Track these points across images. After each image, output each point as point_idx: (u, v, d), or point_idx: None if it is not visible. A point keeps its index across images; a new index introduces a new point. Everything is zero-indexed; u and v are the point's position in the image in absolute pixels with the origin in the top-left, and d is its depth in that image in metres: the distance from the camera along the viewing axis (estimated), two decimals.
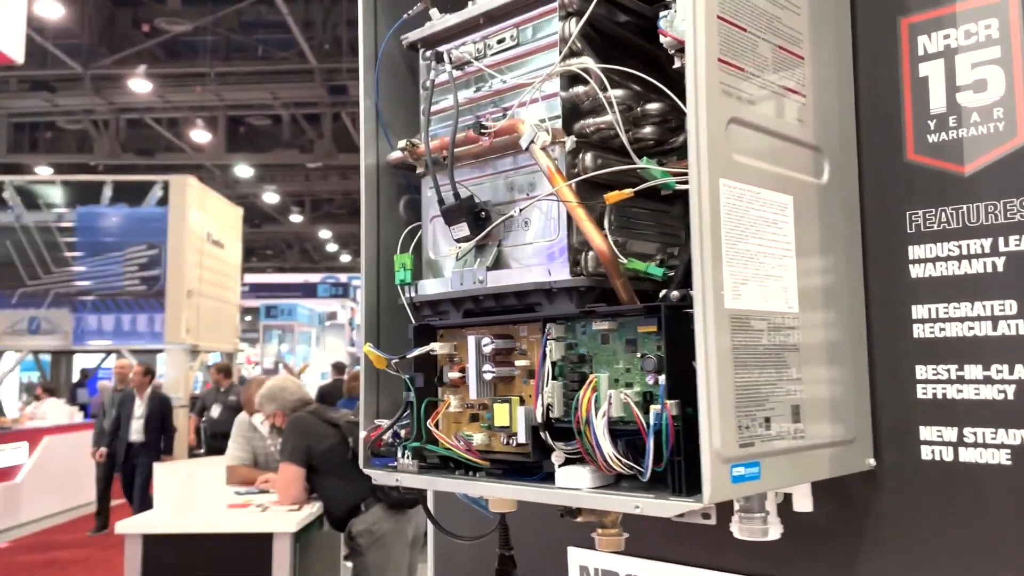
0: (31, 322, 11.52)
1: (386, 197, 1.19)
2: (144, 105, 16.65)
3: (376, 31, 1.20)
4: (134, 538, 3.61)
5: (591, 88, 0.99)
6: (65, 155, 18.60)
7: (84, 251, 11.99)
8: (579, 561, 1.38)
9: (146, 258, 11.94)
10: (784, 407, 0.91)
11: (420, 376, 1.08)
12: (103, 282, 11.87)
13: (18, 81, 15.56)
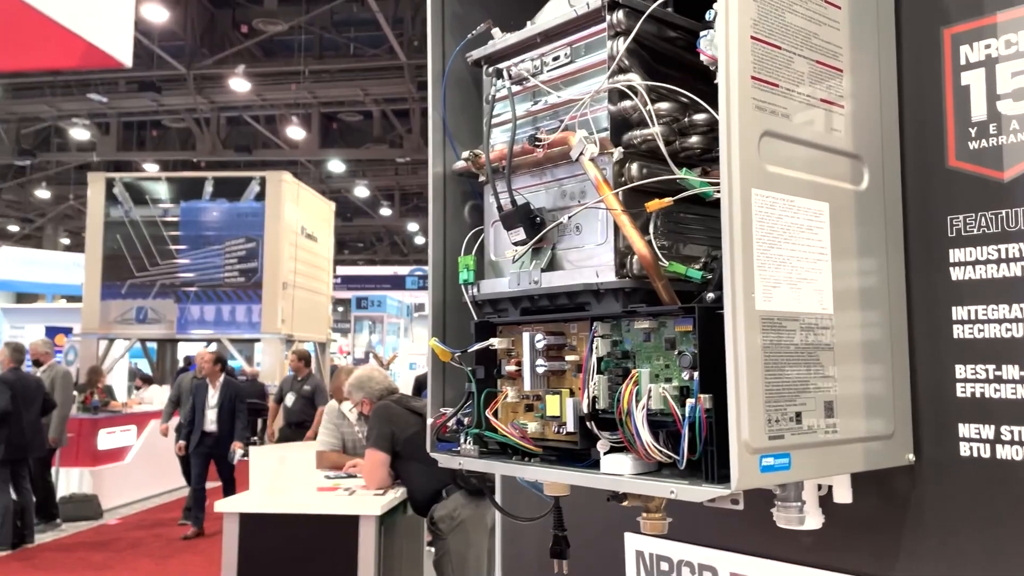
0: (139, 311, 12.20)
1: (452, 203, 1.29)
2: (243, 103, 17.35)
3: (444, 49, 1.30)
4: (231, 516, 3.86)
5: (637, 102, 1.06)
6: (170, 152, 19.55)
7: (187, 244, 12.59)
8: (635, 546, 1.45)
9: (244, 251, 12.46)
10: (816, 403, 0.97)
11: (481, 368, 1.18)
12: (205, 274, 12.45)
13: (127, 82, 16.43)
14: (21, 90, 16.59)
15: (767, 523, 1.16)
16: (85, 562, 7.05)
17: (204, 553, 6.97)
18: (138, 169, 18.61)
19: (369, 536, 3.84)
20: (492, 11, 1.28)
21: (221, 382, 8.14)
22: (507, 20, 1.26)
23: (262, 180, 12.75)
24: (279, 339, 12.32)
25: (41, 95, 16.77)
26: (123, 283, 12.38)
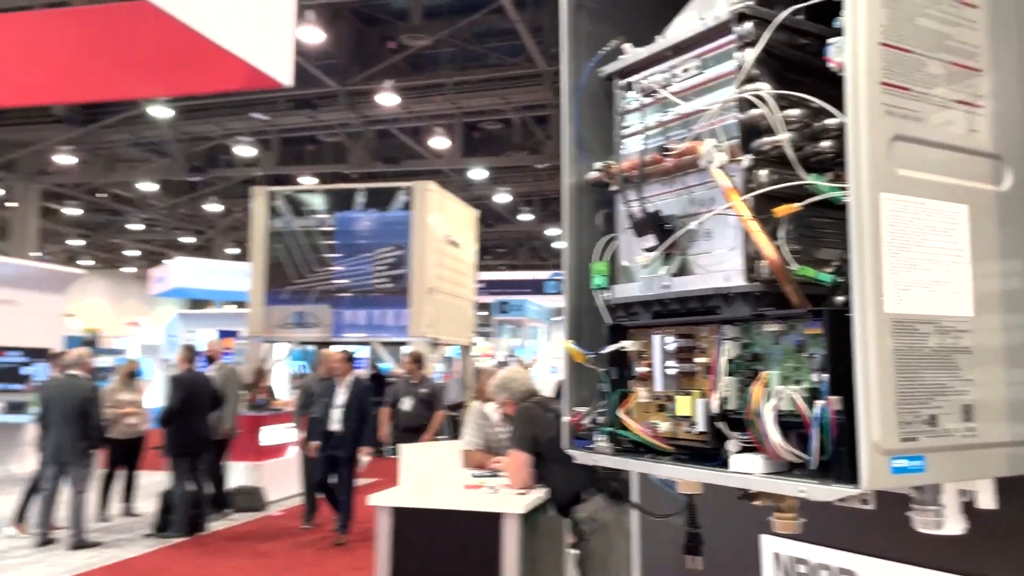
0: (298, 316, 12.95)
1: (586, 212, 1.35)
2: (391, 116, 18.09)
3: (577, 65, 1.36)
4: (385, 509, 4.07)
5: (764, 111, 1.08)
6: (325, 165, 20.64)
7: (341, 252, 13.24)
8: (772, 548, 1.46)
9: (393, 258, 12.98)
10: (953, 406, 0.96)
11: (614, 369, 1.23)
12: (357, 280, 13.06)
13: (285, 101, 17.49)
14: (192, 112, 17.97)
15: (907, 528, 1.15)
16: (252, 550, 7.57)
17: (358, 545, 7.33)
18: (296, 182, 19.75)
19: (512, 533, 3.95)
20: (623, 27, 1.33)
21: (349, 382, 7.92)
22: (637, 36, 1.30)
23: (408, 190, 13.23)
24: (425, 342, 12.75)
25: (210, 116, 18.13)
26: (284, 290, 13.19)
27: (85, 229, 27.93)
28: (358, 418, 7.69)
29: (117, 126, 18.27)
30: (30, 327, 12.35)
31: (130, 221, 26.76)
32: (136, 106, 16.75)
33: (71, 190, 23.12)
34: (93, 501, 8.26)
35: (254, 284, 13.12)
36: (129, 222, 26.89)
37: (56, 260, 27.71)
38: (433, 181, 13.97)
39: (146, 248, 31.22)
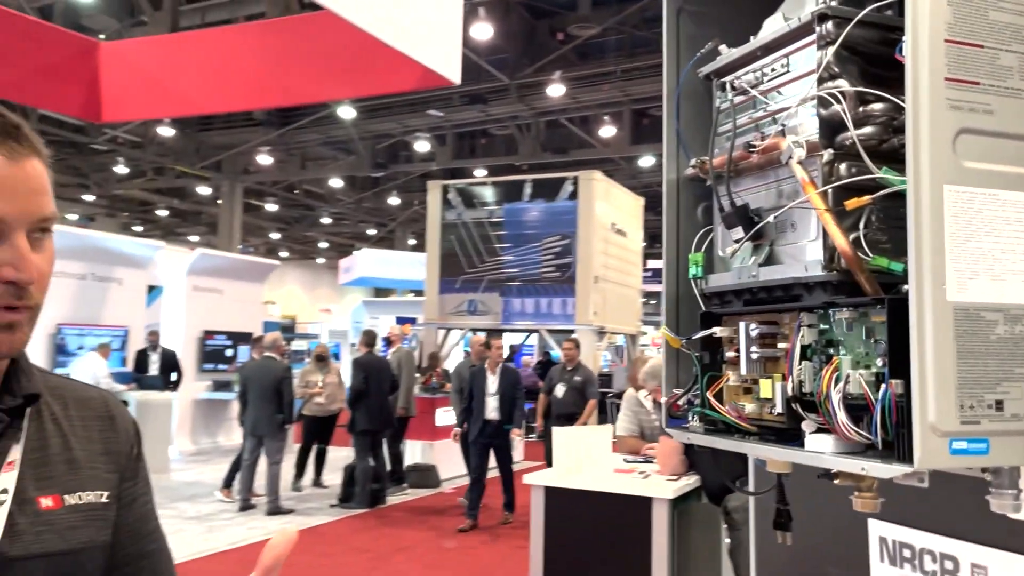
0: (470, 304, 13.49)
1: (685, 205, 1.43)
2: (559, 107, 18.33)
3: (678, 65, 1.44)
4: (538, 488, 4.26)
5: (839, 108, 1.13)
6: (496, 158, 21.22)
7: (510, 243, 13.63)
8: (879, 532, 1.48)
9: (559, 247, 13.21)
10: (1023, 392, 0.98)
11: (706, 354, 1.31)
12: (525, 269, 13.41)
13: (459, 96, 18.13)
14: (375, 111, 19.02)
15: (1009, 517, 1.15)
16: (426, 523, 8.04)
17: (523, 524, 7.62)
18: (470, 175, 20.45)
19: (662, 518, 4.02)
20: (722, 29, 1.40)
21: (500, 369, 8.02)
22: (735, 37, 1.37)
23: (575, 180, 13.39)
24: (592, 331, 12.91)
25: (391, 114, 19.12)
26: (457, 279, 13.76)
27: (282, 223, 30.28)
28: (511, 404, 7.93)
29: (309, 127, 19.68)
30: (234, 314, 13.62)
31: (321, 215, 28.71)
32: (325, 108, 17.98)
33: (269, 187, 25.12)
34: (288, 472, 9.07)
35: (429, 273, 13.78)
36: (320, 216, 28.86)
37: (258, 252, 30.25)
38: (600, 170, 14.05)
39: (335, 240, 33.39)
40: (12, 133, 0.88)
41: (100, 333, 11.21)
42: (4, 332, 0.87)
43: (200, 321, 13.09)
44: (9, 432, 0.94)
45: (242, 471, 8.49)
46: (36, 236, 0.90)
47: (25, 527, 0.91)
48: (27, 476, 0.94)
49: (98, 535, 0.99)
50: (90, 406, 1.06)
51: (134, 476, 1.07)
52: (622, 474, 4.31)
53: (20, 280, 0.87)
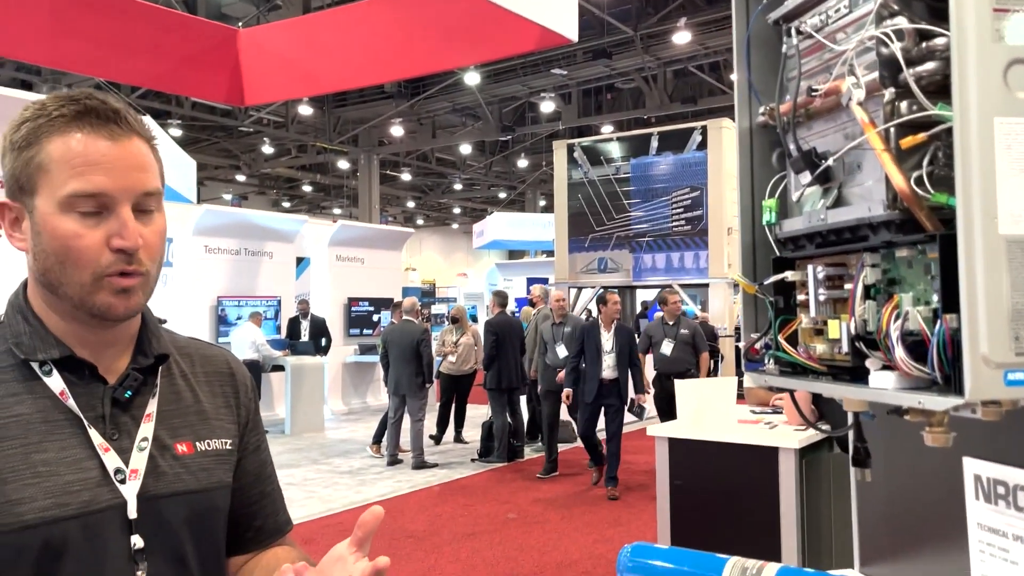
0: (600, 262, 13.52)
1: (759, 152, 1.44)
2: (687, 55, 17.85)
3: (747, 12, 1.45)
4: (662, 440, 4.32)
5: (907, 44, 1.12)
6: (622, 113, 20.95)
7: (638, 198, 13.51)
8: (973, 470, 1.47)
9: (689, 200, 12.98)
10: None
11: (780, 299, 1.34)
12: (655, 224, 13.28)
13: (583, 53, 17.97)
14: (499, 74, 19.17)
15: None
16: (562, 476, 8.25)
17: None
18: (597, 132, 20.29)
19: (789, 468, 3.99)
20: None
21: (615, 326, 7.55)
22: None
23: (703, 129, 13.08)
24: (726, 283, 12.65)
25: (515, 77, 19.22)
26: (586, 237, 13.80)
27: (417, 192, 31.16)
28: (626, 363, 7.47)
29: (437, 95, 20.09)
30: (375, 281, 14.25)
31: (453, 182, 29.34)
32: (452, 75, 18.29)
33: (404, 158, 25.89)
34: (430, 429, 9.51)
35: (558, 233, 13.88)
36: (453, 183, 29.50)
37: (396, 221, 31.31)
38: (728, 118, 13.61)
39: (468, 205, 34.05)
40: (113, 118, 1.00)
41: (255, 303, 12.04)
42: (120, 297, 1.01)
43: (344, 289, 13.79)
44: (145, 388, 1.09)
45: (389, 429, 8.97)
46: (143, 210, 1.02)
47: (165, 469, 1.07)
48: (163, 426, 1.09)
49: (225, 476, 1.15)
50: (213, 363, 1.22)
51: (254, 427, 1.23)
52: (747, 425, 4.29)
53: (126, 247, 0.99)
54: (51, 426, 1.00)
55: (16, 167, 1.00)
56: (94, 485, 1.00)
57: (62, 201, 0.98)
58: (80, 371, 1.04)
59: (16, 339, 1.03)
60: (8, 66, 15.62)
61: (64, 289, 1.01)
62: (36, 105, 1.01)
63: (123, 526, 1.01)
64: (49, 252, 0.99)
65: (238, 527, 1.19)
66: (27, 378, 1.02)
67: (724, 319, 12.71)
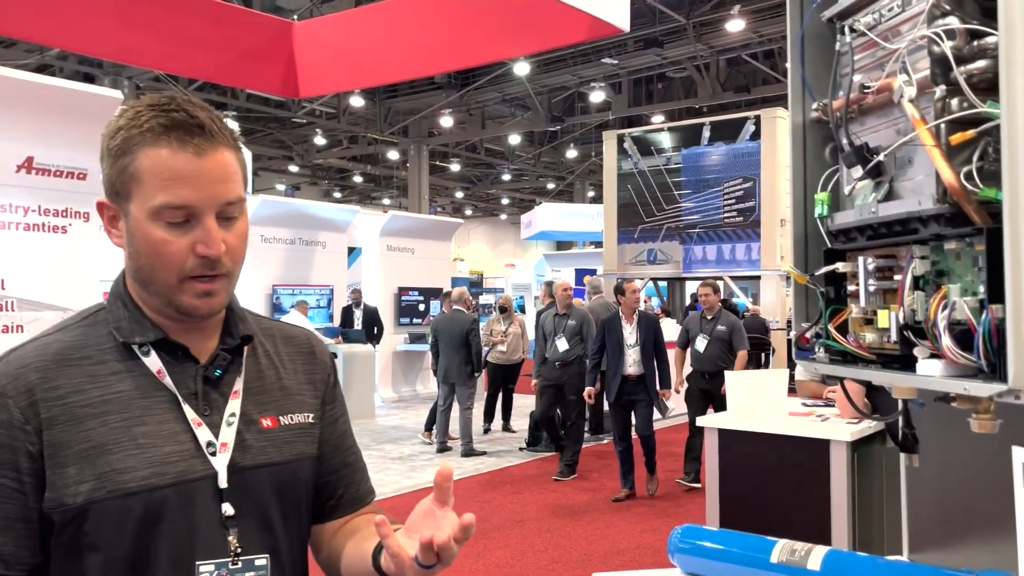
0: (649, 253, 13.49)
1: (812, 146, 1.48)
2: (740, 43, 17.61)
3: (802, 10, 1.49)
4: (711, 431, 4.34)
5: (958, 43, 1.16)
6: (674, 103, 20.76)
7: (689, 189, 13.43)
8: (1021, 459, 1.49)
9: (741, 191, 12.87)
10: None
11: (831, 289, 1.39)
12: (705, 215, 13.19)
13: (633, 41, 17.84)
14: (548, 64, 19.14)
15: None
16: (609, 467, 8.28)
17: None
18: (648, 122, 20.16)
19: (841, 461, 3.99)
20: None
21: (637, 316, 7.02)
22: None
23: (756, 119, 12.94)
24: (779, 276, 12.52)
25: (565, 66, 19.17)
26: (635, 228, 13.78)
27: (466, 183, 31.32)
28: (652, 359, 6.88)
29: (486, 86, 20.15)
30: (425, 271, 14.42)
31: (502, 172, 29.41)
32: (501, 66, 18.34)
33: (453, 149, 26.03)
34: (479, 417, 9.63)
35: (607, 224, 13.88)
36: (502, 173, 29.58)
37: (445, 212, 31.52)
38: (783, 107, 13.43)
39: (516, 196, 34.10)
40: (198, 132, 1.06)
41: (308, 292, 12.30)
42: (203, 299, 1.10)
43: (394, 279, 13.98)
44: (232, 367, 1.18)
45: (438, 416, 9.11)
46: (225, 217, 1.10)
47: (252, 442, 1.16)
48: (249, 402, 1.18)
49: (307, 448, 1.23)
50: (295, 343, 1.31)
51: (332, 400, 1.32)
52: (799, 417, 4.29)
53: (210, 255, 1.07)
54: (150, 402, 1.09)
55: (112, 173, 1.09)
56: (188, 456, 1.09)
57: (152, 211, 1.06)
58: (174, 352, 1.13)
59: (117, 323, 1.13)
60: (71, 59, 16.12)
61: (153, 287, 1.10)
62: (130, 113, 1.09)
63: (214, 495, 1.09)
64: (141, 253, 1.09)
65: (322, 496, 1.26)
66: (127, 357, 1.11)
67: (776, 312, 12.59)
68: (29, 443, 1.03)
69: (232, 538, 1.09)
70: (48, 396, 1.05)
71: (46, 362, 1.07)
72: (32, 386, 1.05)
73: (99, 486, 1.03)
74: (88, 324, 1.14)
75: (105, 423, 1.06)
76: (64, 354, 1.09)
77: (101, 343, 1.11)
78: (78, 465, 1.03)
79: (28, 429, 1.03)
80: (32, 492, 1.03)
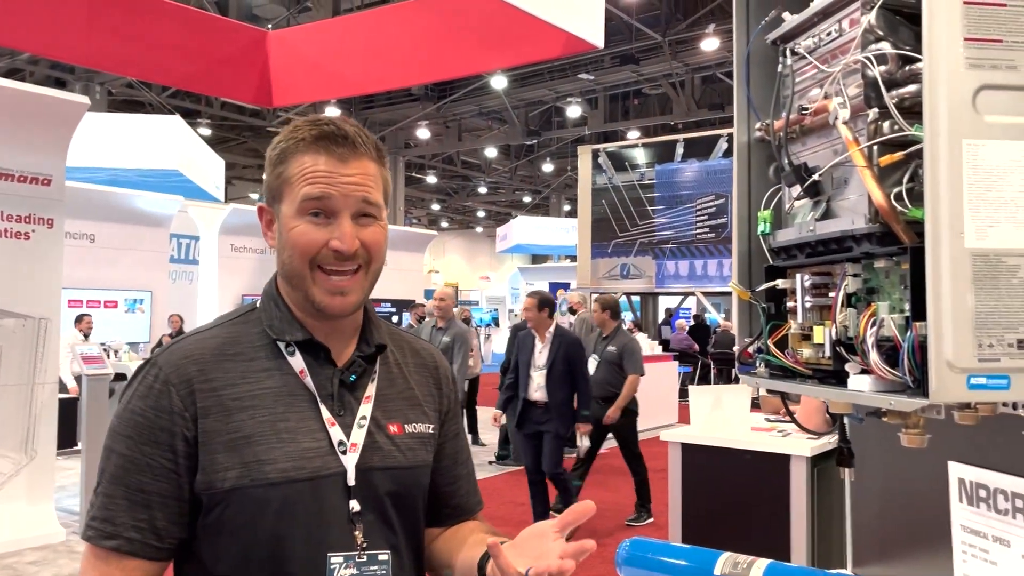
0: (623, 268, 13.57)
1: (756, 165, 1.52)
2: (715, 61, 17.82)
3: (747, 32, 1.53)
4: (675, 445, 4.38)
5: (890, 68, 1.19)
6: (649, 119, 20.95)
7: (662, 204, 13.54)
8: (958, 474, 1.53)
9: (714, 207, 12.99)
10: None
11: (772, 305, 1.42)
12: (678, 231, 13.30)
13: (610, 58, 18.00)
14: (525, 78, 19.23)
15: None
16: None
17: None
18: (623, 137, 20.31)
19: (800, 476, 4.03)
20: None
21: (552, 333, 5.87)
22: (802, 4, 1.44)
23: (729, 136, 13.06)
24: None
25: (542, 81, 19.28)
26: (609, 243, 13.85)
27: (442, 194, 31.32)
28: (564, 383, 5.76)
29: (464, 99, 20.20)
30: (398, 282, 14.39)
31: (478, 185, 29.46)
32: (478, 79, 18.41)
33: (429, 160, 26.05)
34: None
35: (581, 239, 13.94)
36: (478, 186, 29.63)
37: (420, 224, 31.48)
38: None
39: (492, 208, 34.15)
40: (343, 142, 1.17)
41: None
42: (335, 297, 1.17)
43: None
44: (366, 373, 1.25)
45: None
46: (364, 216, 1.18)
47: (380, 446, 1.22)
48: (379, 408, 1.24)
49: (427, 457, 1.29)
50: (421, 356, 1.37)
51: (454, 416, 1.38)
52: (760, 432, 4.34)
53: (342, 249, 1.15)
54: (293, 399, 1.17)
55: (270, 179, 1.20)
56: (324, 454, 1.15)
57: (297, 206, 1.15)
58: (316, 353, 1.20)
59: (269, 322, 1.21)
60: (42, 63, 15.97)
61: (294, 280, 1.18)
62: (290, 128, 1.21)
63: (344, 491, 1.16)
64: (286, 247, 1.17)
65: (438, 503, 1.34)
66: (276, 355, 1.19)
67: None
68: (186, 429, 1.12)
69: (359, 533, 1.15)
70: (204, 388, 1.14)
71: (204, 356, 1.16)
72: (191, 377, 1.14)
73: (245, 474, 1.11)
74: (243, 322, 1.23)
75: (253, 416, 1.14)
76: (221, 349, 1.18)
77: (253, 341, 1.20)
78: (227, 453, 1.11)
79: (186, 416, 1.12)
80: (186, 473, 1.12)
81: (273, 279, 1.26)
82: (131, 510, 1.10)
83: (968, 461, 1.52)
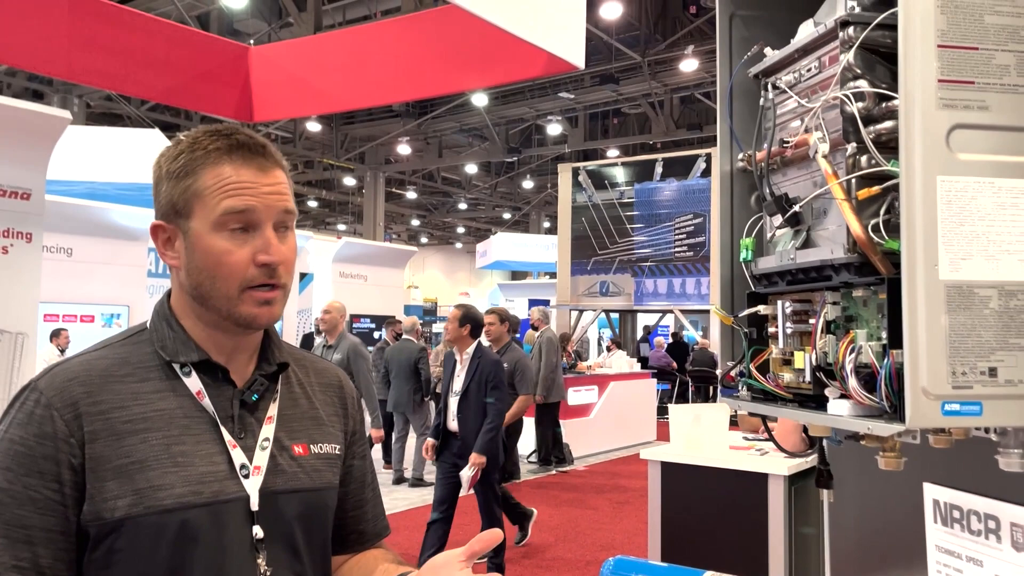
0: (602, 285, 13.64)
1: (739, 194, 1.56)
2: (694, 82, 18.03)
3: (731, 66, 1.58)
4: (655, 463, 4.41)
5: (867, 104, 1.25)
6: (629, 138, 21.12)
7: (642, 223, 13.64)
8: (932, 495, 1.57)
9: (692, 226, 13.11)
10: (1018, 360, 1.08)
11: (754, 330, 1.46)
12: (657, 249, 13.41)
13: (590, 77, 18.15)
14: (506, 96, 19.35)
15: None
16: (557, 499, 8.31)
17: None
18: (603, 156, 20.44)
19: (778, 494, 4.07)
20: (771, 32, 1.52)
21: (471, 353, 5.17)
22: (784, 39, 1.49)
23: (708, 156, 13.22)
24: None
25: (523, 99, 19.40)
26: (588, 260, 13.93)
27: (422, 210, 31.33)
28: (479, 409, 5.05)
29: (445, 116, 20.27)
30: (378, 298, 14.37)
31: (458, 201, 29.51)
32: (459, 96, 18.49)
33: (410, 176, 26.07)
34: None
35: (560, 256, 14.01)
36: (458, 202, 29.68)
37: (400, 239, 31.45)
38: None
39: (472, 225, 34.19)
40: (260, 151, 1.14)
41: None
42: (263, 308, 1.13)
43: (347, 306, 13.88)
44: (268, 393, 1.21)
45: (393, 447, 9.04)
46: (280, 230, 1.15)
47: (284, 467, 1.18)
48: (282, 428, 1.21)
49: (333, 478, 1.26)
50: (326, 375, 1.34)
51: (360, 437, 1.35)
52: (737, 451, 4.38)
53: (271, 262, 1.12)
54: (189, 421, 1.11)
55: (174, 193, 1.14)
56: (223, 478, 1.10)
57: (216, 220, 1.11)
58: (214, 373, 1.15)
59: (162, 343, 1.15)
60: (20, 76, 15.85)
61: (213, 301, 1.13)
62: (189, 139, 1.16)
63: (246, 517, 1.11)
64: (201, 268, 1.12)
65: (344, 528, 1.30)
66: (169, 376, 1.13)
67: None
68: (72, 456, 1.04)
69: (261, 561, 1.11)
70: (92, 411, 1.07)
71: (92, 377, 1.09)
72: (76, 400, 1.07)
73: (137, 502, 1.04)
74: (133, 343, 1.17)
75: (146, 440, 1.07)
76: (109, 371, 1.11)
77: (145, 361, 1.14)
78: (118, 480, 1.04)
79: (72, 442, 1.05)
80: (72, 505, 1.04)
81: (165, 298, 1.20)
82: (12, 548, 1.01)
83: (943, 483, 1.57)
